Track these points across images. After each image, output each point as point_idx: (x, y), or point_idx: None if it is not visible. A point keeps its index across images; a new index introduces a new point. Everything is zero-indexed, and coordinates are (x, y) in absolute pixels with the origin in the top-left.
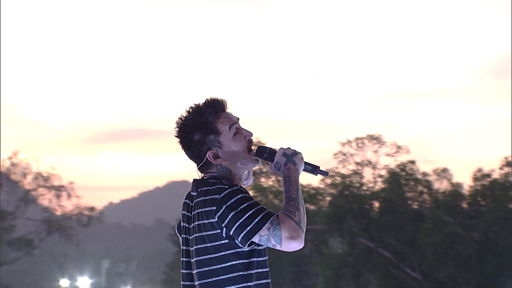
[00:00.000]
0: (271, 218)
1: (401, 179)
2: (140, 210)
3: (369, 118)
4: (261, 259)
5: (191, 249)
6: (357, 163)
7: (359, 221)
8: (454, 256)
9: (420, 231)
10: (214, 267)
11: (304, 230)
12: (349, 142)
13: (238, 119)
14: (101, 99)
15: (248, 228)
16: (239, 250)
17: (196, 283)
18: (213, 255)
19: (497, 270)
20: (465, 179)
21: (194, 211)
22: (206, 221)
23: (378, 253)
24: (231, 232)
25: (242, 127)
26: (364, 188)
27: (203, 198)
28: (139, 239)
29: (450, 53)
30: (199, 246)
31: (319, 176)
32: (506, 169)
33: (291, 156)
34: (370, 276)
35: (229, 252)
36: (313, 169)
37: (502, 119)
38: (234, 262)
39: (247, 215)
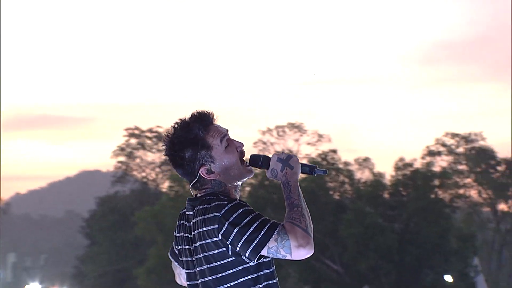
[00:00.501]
0: (278, 228)
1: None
2: (50, 201)
3: (290, 106)
4: (269, 270)
5: (195, 271)
6: None
7: (279, 212)
8: (375, 247)
9: (341, 222)
10: (223, 286)
11: (312, 236)
12: (269, 130)
13: (227, 130)
14: (5, 83)
15: (255, 242)
16: (246, 265)
17: None
18: (220, 275)
19: (418, 261)
20: (387, 168)
21: (194, 231)
22: (209, 241)
23: None
24: (238, 248)
25: (232, 138)
26: None
27: (202, 217)
28: (48, 231)
29: (374, 39)
30: (204, 267)
31: (318, 176)
32: (428, 159)
33: (286, 160)
34: (289, 268)
35: (238, 269)
36: (310, 169)
37: (426, 107)
38: (243, 279)
39: (251, 228)
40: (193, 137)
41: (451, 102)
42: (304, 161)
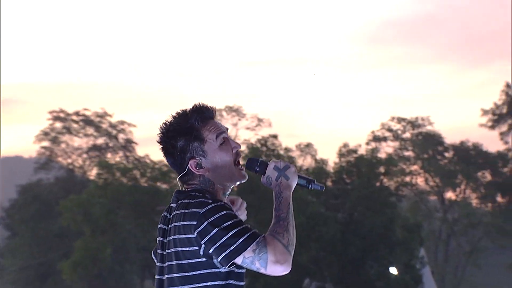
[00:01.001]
0: (258, 239)
1: (262, 155)
2: None
3: (227, 88)
4: (239, 283)
5: (164, 265)
6: None
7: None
8: (317, 238)
9: None
10: (188, 286)
11: (292, 254)
12: None
13: (227, 129)
14: None
15: (232, 248)
16: (216, 270)
17: None
18: (187, 274)
19: (362, 253)
20: (330, 155)
21: (171, 224)
22: (183, 236)
23: None
24: (211, 250)
25: (231, 138)
26: None
27: (183, 211)
28: None
29: (318, 17)
30: (173, 262)
31: (314, 189)
32: (373, 144)
33: (283, 170)
34: None
35: (205, 271)
36: (307, 183)
37: (372, 90)
38: (209, 283)
39: (231, 233)
40: (188, 127)
41: (398, 84)
42: (302, 174)
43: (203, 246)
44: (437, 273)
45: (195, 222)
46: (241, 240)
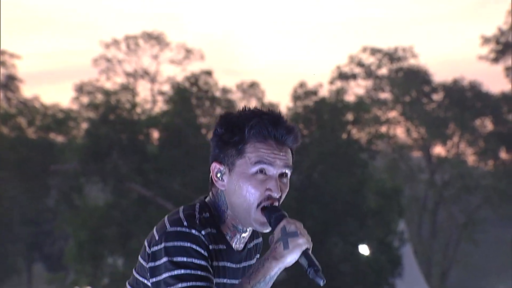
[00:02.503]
0: None
1: (192, 97)
2: None
3: (146, 8)
4: None
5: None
6: (128, 74)
7: (129, 158)
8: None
9: None
10: None
11: None
12: (116, 42)
13: (285, 173)
14: None
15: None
16: None
17: None
18: None
19: (324, 226)
20: (282, 98)
21: None
22: (146, 245)
23: (158, 205)
24: (150, 280)
25: (276, 180)
26: (138, 110)
27: (162, 220)
28: None
29: None
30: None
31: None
32: (339, 84)
33: (288, 236)
34: (145, 237)
35: None
36: (308, 266)
37: (339, 12)
38: None
39: (176, 272)
40: (239, 128)
41: (372, 4)
42: (310, 254)
43: (148, 270)
44: (421, 252)
45: (157, 238)
46: (180, 285)
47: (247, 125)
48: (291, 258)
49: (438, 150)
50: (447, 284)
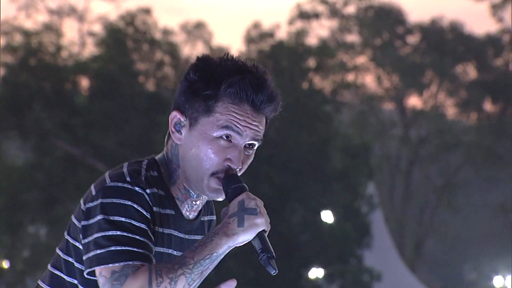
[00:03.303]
0: (129, 263)
1: (128, 40)
2: None
3: None
4: None
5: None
6: (52, 11)
7: (54, 111)
8: None
9: (158, 127)
10: (56, 271)
11: None
12: None
13: (254, 144)
14: None
15: (97, 252)
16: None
17: None
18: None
19: (280, 190)
20: (233, 40)
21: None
22: (81, 203)
23: (88, 166)
24: (82, 241)
25: (240, 150)
26: (64, 54)
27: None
28: None
29: None
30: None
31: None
32: (299, 25)
33: (245, 212)
34: (73, 203)
35: (77, 265)
36: (262, 251)
37: None
38: (70, 279)
39: (110, 233)
40: (215, 81)
41: None
42: (266, 238)
43: (81, 231)
44: (393, 219)
45: (94, 193)
46: (112, 249)
47: (225, 81)
48: (244, 237)
49: (413, 101)
50: (422, 255)
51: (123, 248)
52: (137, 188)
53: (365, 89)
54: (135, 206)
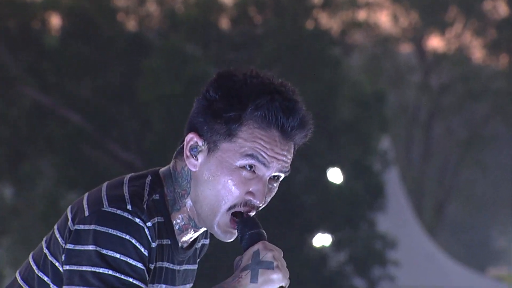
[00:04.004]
0: None
1: None
2: None
3: None
4: None
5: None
6: None
7: (21, 54)
8: None
9: (141, 73)
10: None
11: None
12: None
13: (280, 176)
14: None
15: None
16: None
17: None
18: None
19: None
20: None
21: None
22: (68, 215)
23: (59, 117)
24: (64, 265)
25: (268, 183)
26: None
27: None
28: None
29: None
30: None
31: None
32: None
33: (260, 266)
34: (42, 159)
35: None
36: None
37: None
38: None
39: (101, 270)
40: (241, 99)
41: None
42: None
43: (63, 256)
44: (410, 178)
45: (84, 216)
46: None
47: (251, 102)
48: None
49: (435, 43)
50: (443, 219)
51: None
52: (137, 220)
53: (379, 29)
54: (133, 241)
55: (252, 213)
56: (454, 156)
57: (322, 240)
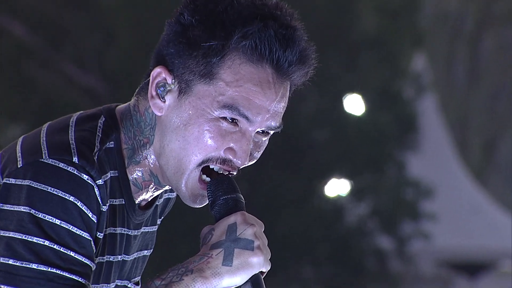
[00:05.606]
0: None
1: None
2: None
3: None
4: None
5: None
6: None
7: None
8: None
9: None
10: None
11: None
12: None
13: (276, 128)
14: None
15: (9, 262)
16: None
17: None
18: None
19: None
20: None
21: None
22: None
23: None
24: None
25: (250, 134)
26: None
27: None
28: None
29: None
30: None
31: None
32: None
33: (236, 244)
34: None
35: None
36: None
37: None
38: None
39: (35, 240)
40: (224, 25)
41: None
42: (263, 284)
43: None
44: (452, 109)
45: (14, 167)
46: (34, 267)
47: (238, 30)
48: (230, 280)
49: None
50: (494, 162)
51: (50, 270)
52: (85, 177)
53: None
54: (79, 204)
55: (233, 174)
56: (508, 79)
57: (337, 188)
